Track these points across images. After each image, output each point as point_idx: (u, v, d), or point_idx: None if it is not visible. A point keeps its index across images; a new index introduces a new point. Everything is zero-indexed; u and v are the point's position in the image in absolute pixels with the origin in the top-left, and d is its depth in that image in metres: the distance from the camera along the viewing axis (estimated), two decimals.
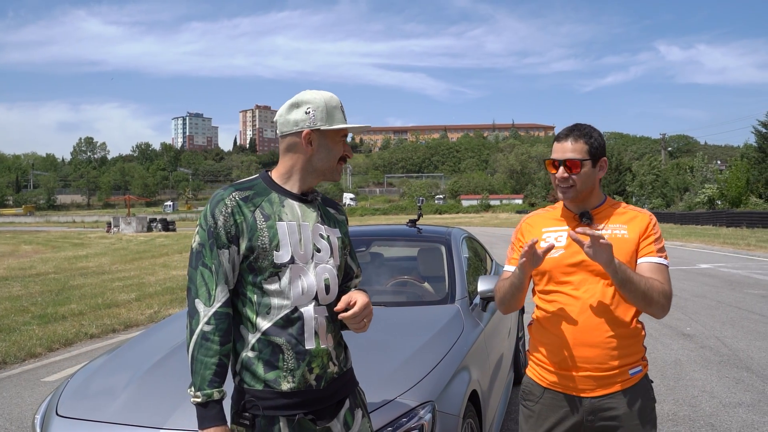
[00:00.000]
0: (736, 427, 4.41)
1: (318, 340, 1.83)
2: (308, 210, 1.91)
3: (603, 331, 2.07)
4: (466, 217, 77.34)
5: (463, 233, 4.81)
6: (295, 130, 1.87)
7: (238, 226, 1.80)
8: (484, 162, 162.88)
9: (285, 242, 1.82)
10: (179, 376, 2.62)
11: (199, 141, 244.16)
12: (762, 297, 10.35)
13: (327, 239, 1.92)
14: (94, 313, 9.43)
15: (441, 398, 2.52)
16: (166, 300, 10.78)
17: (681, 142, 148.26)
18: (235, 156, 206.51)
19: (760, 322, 8.23)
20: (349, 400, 1.94)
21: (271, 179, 1.92)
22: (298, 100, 1.89)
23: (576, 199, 2.16)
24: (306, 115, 1.86)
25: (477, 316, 3.60)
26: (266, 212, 1.83)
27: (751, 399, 5.03)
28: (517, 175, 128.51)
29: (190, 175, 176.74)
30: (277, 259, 1.80)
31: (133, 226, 44.39)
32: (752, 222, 34.09)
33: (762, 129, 42.73)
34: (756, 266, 15.34)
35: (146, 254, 22.04)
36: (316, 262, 1.87)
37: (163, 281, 13.48)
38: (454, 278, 3.79)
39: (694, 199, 48.00)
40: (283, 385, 1.78)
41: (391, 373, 2.55)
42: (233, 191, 1.84)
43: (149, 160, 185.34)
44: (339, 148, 1.92)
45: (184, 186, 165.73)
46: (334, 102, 1.91)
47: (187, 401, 2.38)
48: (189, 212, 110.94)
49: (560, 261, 2.13)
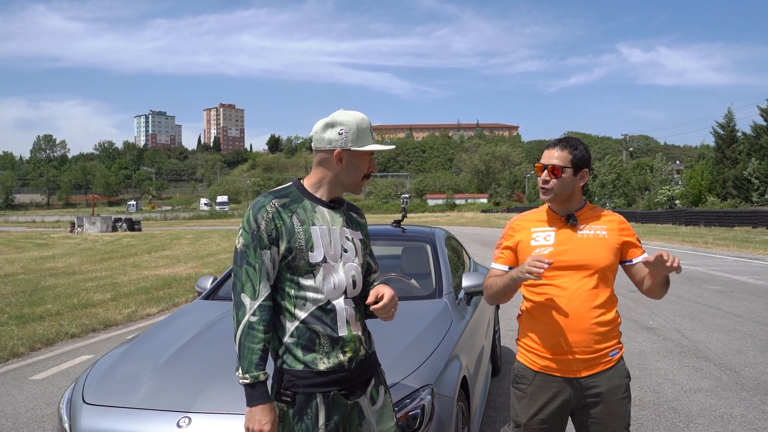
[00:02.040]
0: (696, 410, 4.78)
1: (350, 327, 2.10)
2: (336, 215, 2.17)
3: (588, 319, 2.37)
4: (432, 216, 77.92)
5: (445, 233, 5.10)
6: (328, 147, 2.11)
7: (278, 230, 2.05)
8: (449, 161, 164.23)
9: (318, 244, 2.08)
10: (200, 363, 2.85)
11: (163, 139, 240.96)
12: (719, 292, 10.88)
13: (352, 241, 2.18)
14: (72, 313, 9.48)
15: (438, 382, 2.80)
16: (142, 300, 10.85)
17: (642, 143, 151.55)
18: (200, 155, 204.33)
19: (717, 315, 8.71)
20: (374, 378, 2.21)
21: (303, 187, 2.17)
22: (333, 120, 2.11)
23: (554, 200, 2.46)
24: (339, 136, 2.09)
25: (462, 310, 3.89)
26: (301, 218, 2.09)
27: (709, 385, 5.42)
28: (481, 174, 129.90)
29: (154, 174, 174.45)
30: (312, 258, 2.06)
31: (98, 226, 43.70)
32: (709, 221, 35.24)
33: (720, 131, 44.04)
34: (713, 263, 15.99)
35: (115, 254, 21.89)
36: (345, 260, 2.13)
37: (136, 281, 13.50)
38: (441, 275, 4.08)
39: (654, 199, 49.27)
40: (320, 366, 2.05)
41: (393, 361, 2.81)
42: (273, 198, 2.09)
43: (111, 158, 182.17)
44: (365, 165, 2.17)
45: (147, 185, 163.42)
46: (365, 124, 2.14)
47: (210, 386, 2.62)
48: (153, 212, 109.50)
49: (549, 258, 2.40)
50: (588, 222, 2.47)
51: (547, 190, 2.43)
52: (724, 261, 16.68)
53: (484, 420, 4.50)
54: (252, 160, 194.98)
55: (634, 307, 9.29)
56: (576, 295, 2.38)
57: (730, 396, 5.12)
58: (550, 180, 2.41)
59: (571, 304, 2.37)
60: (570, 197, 2.46)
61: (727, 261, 16.69)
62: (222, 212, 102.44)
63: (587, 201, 2.55)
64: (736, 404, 4.91)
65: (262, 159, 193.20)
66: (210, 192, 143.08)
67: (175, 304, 10.68)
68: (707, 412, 4.74)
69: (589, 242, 2.41)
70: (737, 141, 43.01)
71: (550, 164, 2.41)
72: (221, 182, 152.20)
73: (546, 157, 2.45)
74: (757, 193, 38.02)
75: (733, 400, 5.00)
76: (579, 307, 2.37)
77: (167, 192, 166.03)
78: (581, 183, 2.46)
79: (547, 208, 2.55)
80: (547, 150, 2.47)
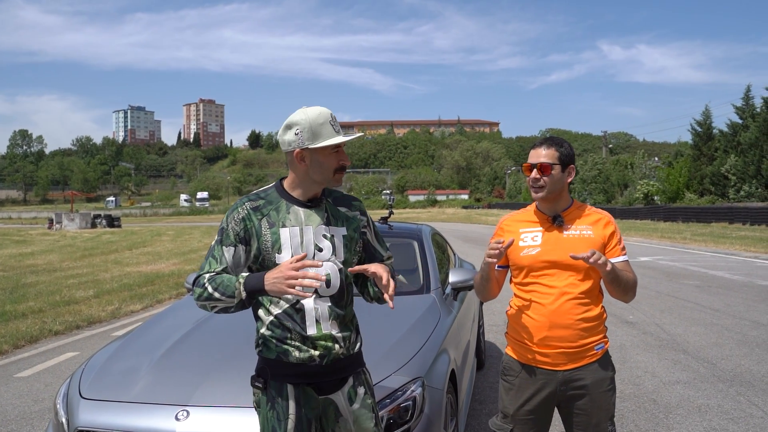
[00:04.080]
0: (675, 401, 4.92)
1: (320, 326, 2.14)
2: (313, 214, 2.20)
3: (574, 315, 2.46)
4: (414, 212, 78.11)
5: (431, 229, 5.18)
6: (289, 149, 2.16)
7: (248, 231, 2.15)
8: (430, 157, 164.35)
9: (287, 245, 2.14)
10: (197, 356, 2.90)
11: (142, 135, 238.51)
12: (696, 287, 11.10)
13: (330, 238, 2.20)
14: (55, 311, 9.44)
15: (428, 375, 2.88)
16: (125, 296, 10.83)
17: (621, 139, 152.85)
18: (179, 150, 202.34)
19: (695, 309, 8.90)
20: (352, 378, 2.24)
21: (282, 188, 2.24)
22: (289, 122, 2.15)
23: (547, 198, 2.53)
24: (296, 137, 2.12)
25: (449, 305, 3.98)
26: (272, 220, 2.16)
27: (688, 377, 5.57)
28: (462, 170, 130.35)
29: (133, 170, 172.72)
30: (278, 260, 2.13)
31: (77, 222, 43.24)
32: (687, 217, 35.76)
33: (697, 128, 44.61)
34: (691, 259, 16.27)
35: (95, 251, 21.72)
36: (318, 260, 2.16)
37: (119, 278, 13.45)
38: (428, 270, 4.16)
39: (633, 195, 49.82)
40: (290, 358, 2.13)
41: (384, 354, 2.89)
42: (246, 201, 2.20)
43: (90, 154, 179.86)
44: (331, 160, 2.16)
45: (126, 181, 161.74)
46: (322, 119, 2.12)
47: (208, 379, 2.67)
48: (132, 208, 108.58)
49: (537, 258, 2.50)
50: (574, 221, 2.55)
51: (540, 187, 2.50)
52: (701, 256, 16.97)
53: (469, 413, 4.60)
54: (232, 156, 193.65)
55: (614, 302, 9.36)
56: (562, 293, 2.47)
57: (708, 388, 5.26)
58: (540, 178, 2.49)
59: (557, 302, 2.46)
60: (560, 194, 2.54)
61: (705, 256, 16.98)
62: (202, 208, 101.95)
63: (574, 200, 2.64)
64: (713, 395, 5.06)
65: (242, 155, 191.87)
66: (190, 188, 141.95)
67: (158, 300, 10.68)
68: (686, 403, 4.88)
69: (575, 242, 2.49)
70: (714, 138, 43.61)
71: (538, 162, 2.49)
72: (201, 178, 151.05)
73: (533, 157, 2.53)
74: (734, 190, 38.56)
75: (710, 392, 5.15)
76: (565, 304, 2.46)
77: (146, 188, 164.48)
78: (569, 179, 2.55)
79: (534, 208, 2.63)
80: (534, 150, 2.56)
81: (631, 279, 2.53)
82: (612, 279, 2.43)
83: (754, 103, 40.82)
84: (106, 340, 7.58)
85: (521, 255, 2.54)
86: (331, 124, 2.14)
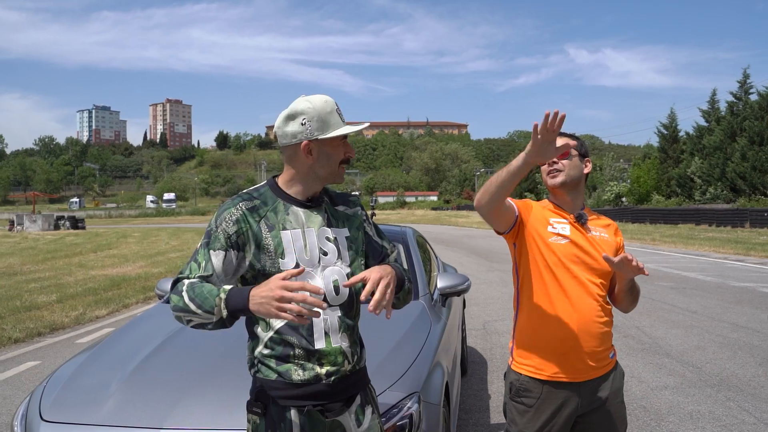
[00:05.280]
0: (665, 409, 4.79)
1: (329, 339, 1.90)
2: (313, 215, 1.97)
3: (599, 319, 2.25)
4: (383, 214, 77.86)
5: (414, 231, 4.98)
6: (293, 142, 1.91)
7: (244, 235, 1.88)
8: (399, 159, 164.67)
9: (290, 250, 1.89)
10: (173, 371, 2.64)
11: (107, 135, 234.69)
12: (672, 288, 11.10)
13: (333, 241, 1.98)
14: (15, 317, 9.00)
15: (424, 389, 2.66)
16: (90, 301, 10.42)
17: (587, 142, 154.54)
18: (146, 151, 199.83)
19: (672, 311, 8.85)
20: (360, 397, 2.00)
21: (277, 186, 1.99)
22: (293, 111, 1.92)
23: (564, 186, 2.28)
24: (302, 127, 1.89)
25: (438, 312, 3.77)
26: (271, 222, 1.90)
27: (675, 382, 5.46)
28: (431, 172, 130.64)
29: (98, 171, 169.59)
30: (283, 266, 1.87)
31: (39, 224, 42.04)
32: (655, 218, 36.22)
33: (663, 130, 45.28)
34: (662, 260, 16.35)
35: (58, 254, 21.06)
36: (324, 265, 1.93)
37: (83, 282, 12.98)
38: (415, 276, 3.95)
39: (602, 196, 50.37)
40: (294, 377, 1.87)
41: (376, 368, 2.65)
42: (240, 201, 1.93)
43: (53, 154, 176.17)
44: (339, 151, 1.96)
45: (91, 182, 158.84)
46: (329, 107, 1.92)
47: (185, 397, 2.42)
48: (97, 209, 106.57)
49: (566, 250, 2.26)
50: (592, 223, 2.37)
51: (557, 171, 2.27)
52: (672, 258, 17.08)
53: (457, 423, 4.40)
54: (200, 156, 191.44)
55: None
56: (587, 295, 2.25)
57: (696, 393, 5.15)
58: (558, 161, 2.26)
59: (582, 305, 2.24)
60: (577, 187, 2.33)
61: (675, 258, 17.10)
62: (169, 210, 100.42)
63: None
64: (703, 401, 4.95)
65: (210, 156, 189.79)
66: (156, 189, 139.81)
67: (125, 305, 10.29)
68: (676, 410, 4.75)
69: (600, 243, 2.30)
70: (680, 141, 44.30)
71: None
72: (168, 179, 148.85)
73: None
74: (699, 192, 39.19)
75: (700, 397, 5.04)
76: (591, 307, 2.25)
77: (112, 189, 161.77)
78: (586, 171, 2.35)
79: (552, 203, 2.37)
80: None
81: (638, 289, 2.40)
82: (631, 287, 2.28)
83: (719, 107, 41.59)
84: (69, 347, 7.22)
85: (550, 241, 2.27)
86: (337, 112, 1.95)
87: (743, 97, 39.00)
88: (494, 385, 5.43)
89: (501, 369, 5.94)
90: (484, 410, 4.82)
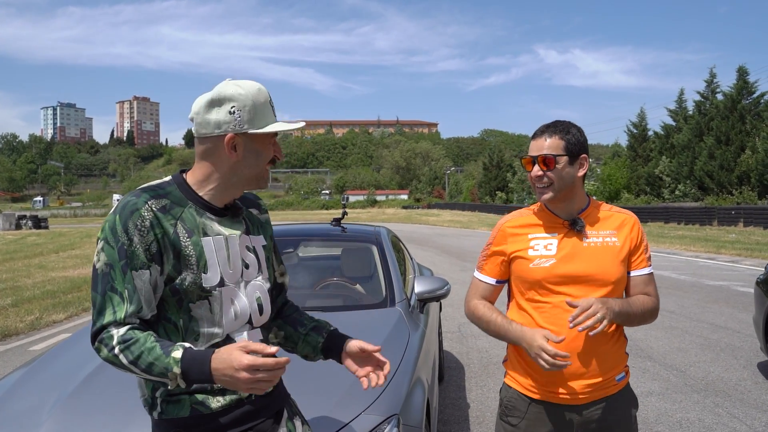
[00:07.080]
0: (653, 416, 4.56)
1: None
2: (232, 223, 1.66)
3: (595, 340, 1.98)
4: (354, 213, 77.43)
5: (389, 232, 4.68)
6: (217, 133, 1.57)
7: (159, 242, 1.52)
8: (369, 158, 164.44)
9: (213, 261, 1.56)
10: (117, 393, 2.30)
11: (72, 133, 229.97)
12: None
13: (253, 251, 1.68)
14: None
15: (404, 410, 2.36)
16: (47, 305, 9.92)
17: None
18: (112, 149, 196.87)
19: None
20: (286, 410, 1.76)
21: (187, 186, 1.62)
22: (220, 95, 1.57)
23: (555, 200, 2.03)
24: (230, 116, 1.55)
25: (416, 319, 3.47)
26: (188, 226, 1.56)
27: (660, 387, 5.24)
28: (402, 171, 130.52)
29: (62, 169, 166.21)
30: (206, 282, 1.55)
31: (0, 223, 40.93)
32: None
33: (633, 129, 45.68)
34: None
35: (18, 254, 20.34)
36: (246, 280, 1.64)
37: (41, 284, 12.43)
38: (391, 280, 3.63)
39: None
40: (213, 405, 1.56)
41: (348, 389, 2.34)
42: (148, 199, 1.54)
43: (16, 152, 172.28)
44: (269, 150, 1.63)
45: (55, 180, 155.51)
46: (263, 97, 1.60)
47: (132, 423, 2.08)
48: (62, 208, 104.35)
49: (551, 271, 2.01)
50: (594, 225, 2.07)
51: (546, 186, 1.99)
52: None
53: None
54: (168, 155, 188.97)
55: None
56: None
57: (684, 399, 4.94)
58: (544, 174, 1.98)
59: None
60: (571, 193, 2.04)
61: None
62: None
63: (591, 198, 2.15)
64: (691, 408, 4.73)
65: (178, 154, 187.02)
66: (123, 188, 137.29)
67: (85, 309, 9.82)
68: (664, 418, 4.53)
69: (598, 252, 2.01)
70: (649, 140, 44.71)
71: (540, 155, 1.99)
72: (135, 178, 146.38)
73: (535, 149, 2.01)
74: (668, 190, 39.55)
75: (687, 404, 4.82)
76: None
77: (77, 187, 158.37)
78: (582, 173, 2.05)
79: (543, 208, 2.11)
80: (535, 140, 2.03)
81: (648, 306, 2.05)
82: (624, 321, 2.00)
83: (687, 107, 42.06)
84: (22, 355, 6.77)
85: (531, 267, 2.03)
86: (270, 104, 1.63)
87: (710, 96, 39.47)
88: (473, 393, 5.16)
89: (478, 375, 5.67)
90: (463, 421, 4.53)
